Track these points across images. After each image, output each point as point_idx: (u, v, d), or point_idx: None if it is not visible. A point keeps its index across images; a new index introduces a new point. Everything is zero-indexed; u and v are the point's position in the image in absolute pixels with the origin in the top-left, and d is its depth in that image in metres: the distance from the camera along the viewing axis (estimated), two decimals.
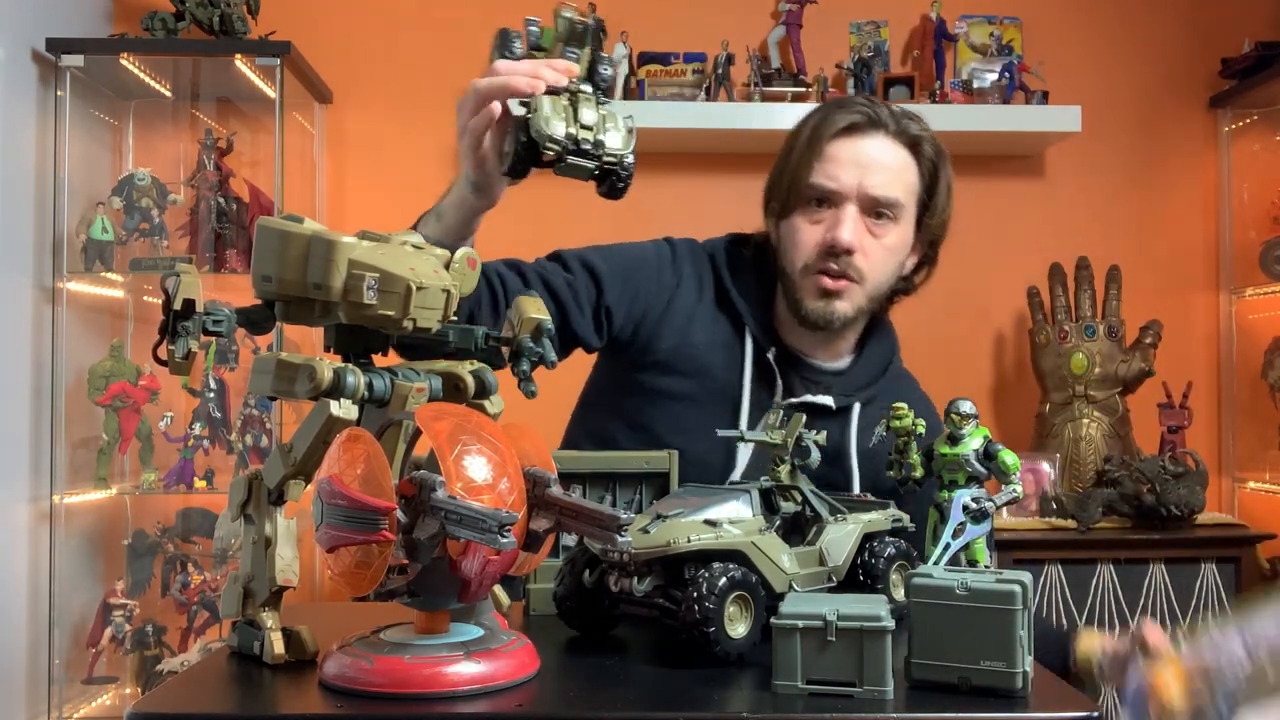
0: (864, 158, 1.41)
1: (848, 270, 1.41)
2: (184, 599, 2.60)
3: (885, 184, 1.41)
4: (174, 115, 2.84)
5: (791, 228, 1.44)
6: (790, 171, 1.44)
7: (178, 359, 0.89)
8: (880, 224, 1.42)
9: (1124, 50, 3.02)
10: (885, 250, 1.43)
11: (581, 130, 1.08)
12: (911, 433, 1.11)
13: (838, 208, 1.41)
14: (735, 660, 0.95)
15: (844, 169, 1.40)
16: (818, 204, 1.42)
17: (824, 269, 1.41)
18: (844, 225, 1.39)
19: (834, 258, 1.40)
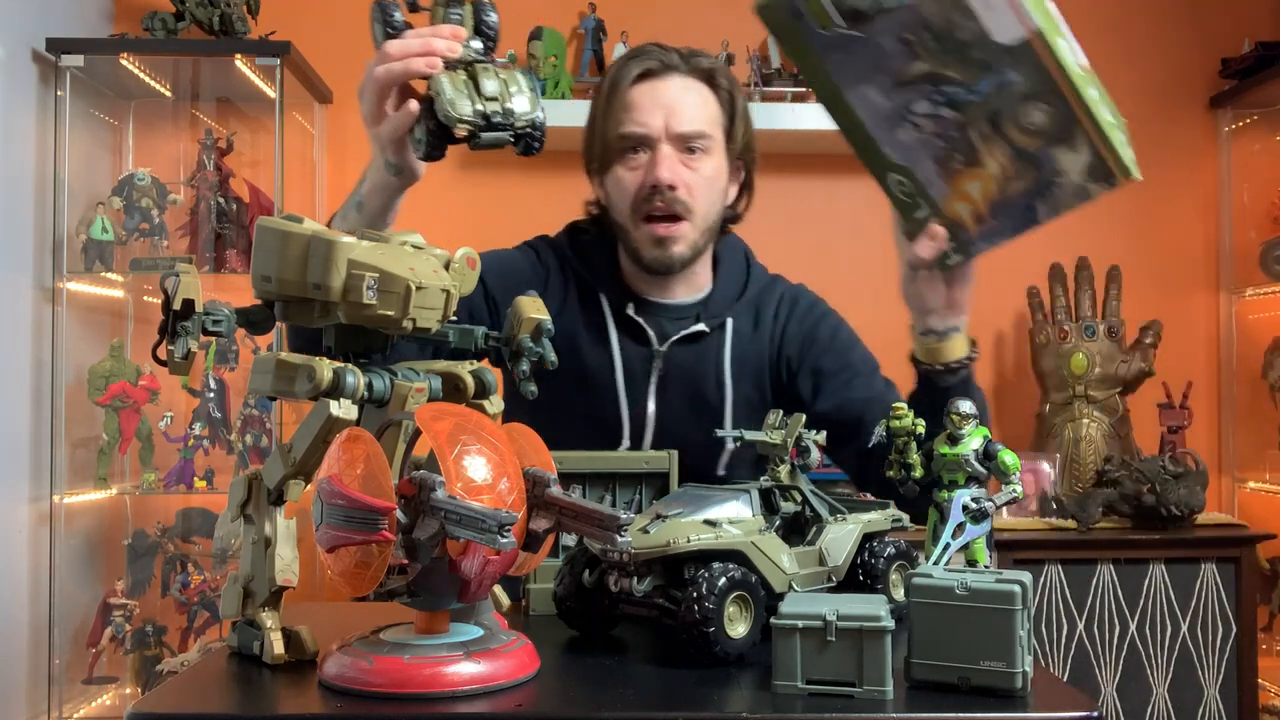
0: (665, 99, 1.47)
1: (674, 207, 1.46)
2: (184, 599, 2.60)
3: (690, 119, 1.47)
4: (174, 115, 2.84)
5: (614, 179, 1.49)
6: (599, 128, 1.50)
7: (178, 359, 0.89)
8: (694, 158, 1.48)
9: (1124, 50, 3.02)
10: (705, 181, 1.49)
11: (488, 103, 1.08)
12: (911, 433, 1.11)
13: (652, 150, 1.46)
14: (735, 660, 0.95)
15: (649, 113, 1.46)
16: (633, 151, 1.47)
17: (651, 210, 1.46)
18: (661, 164, 1.44)
19: (658, 196, 1.45)
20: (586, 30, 2.87)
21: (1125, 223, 2.99)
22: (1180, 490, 2.43)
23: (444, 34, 1.11)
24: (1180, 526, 2.46)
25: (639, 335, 1.53)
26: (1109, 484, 2.50)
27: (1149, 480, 2.45)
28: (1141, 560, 2.44)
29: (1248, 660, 2.45)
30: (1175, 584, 2.45)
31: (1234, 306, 3.00)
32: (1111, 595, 2.44)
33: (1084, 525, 2.45)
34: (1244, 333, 2.99)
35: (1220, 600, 2.45)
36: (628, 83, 1.47)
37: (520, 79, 1.11)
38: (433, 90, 1.08)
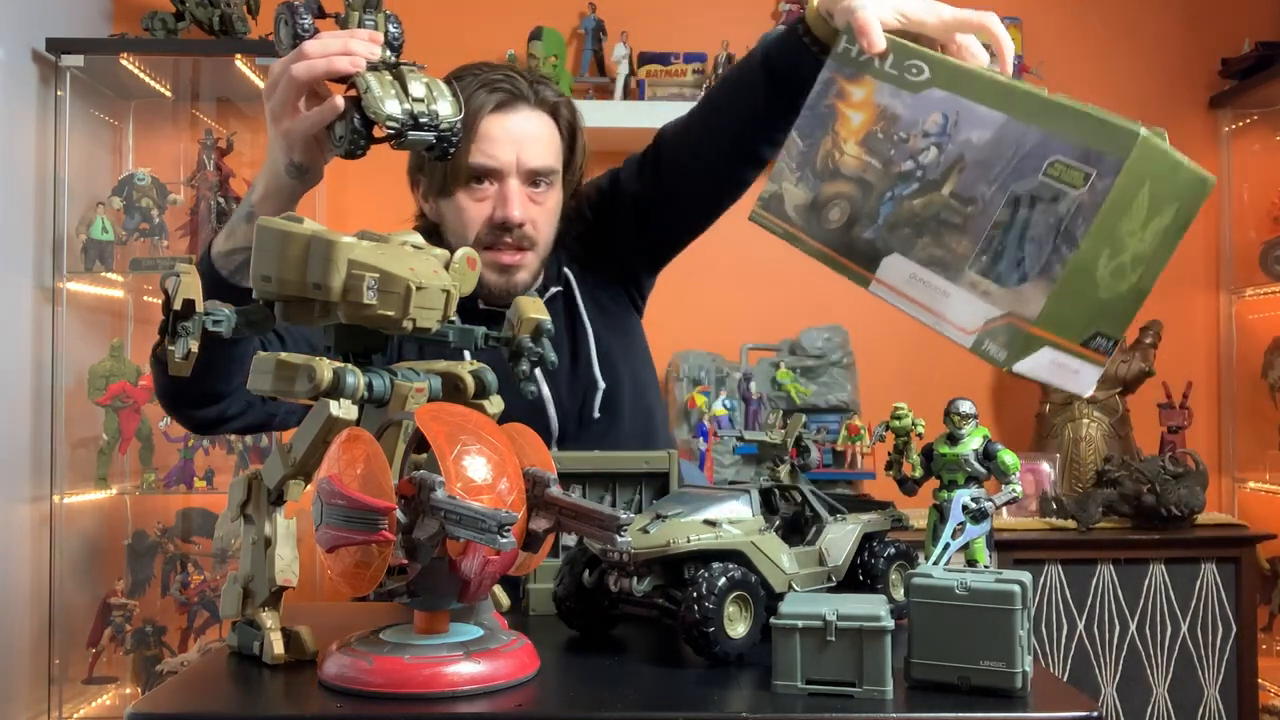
0: (517, 132, 1.46)
1: (521, 242, 1.47)
2: (184, 599, 2.60)
3: (540, 154, 1.47)
4: (174, 115, 2.84)
5: (455, 207, 1.48)
6: None
7: (178, 359, 0.89)
8: (539, 191, 1.48)
9: (1124, 50, 3.02)
10: (548, 213, 1.50)
11: (416, 104, 1.09)
12: (911, 433, 1.11)
13: (500, 183, 1.46)
14: (735, 660, 0.95)
15: (501, 146, 1.44)
16: (478, 180, 1.46)
17: (498, 244, 1.46)
18: (512, 202, 1.44)
19: (506, 232, 1.46)
20: (586, 30, 2.87)
21: None
22: (1180, 490, 2.43)
23: (362, 36, 1.12)
24: (1180, 526, 2.46)
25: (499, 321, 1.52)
26: (1109, 484, 2.50)
27: (1149, 480, 2.45)
28: (1141, 560, 2.44)
29: (1248, 660, 2.45)
30: (1175, 584, 2.45)
31: (1234, 306, 3.00)
32: (1111, 595, 2.44)
33: (1084, 525, 2.45)
34: (1244, 333, 2.99)
35: (1220, 600, 2.45)
36: (484, 113, 1.44)
37: (443, 85, 1.12)
38: (360, 88, 1.09)
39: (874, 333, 2.76)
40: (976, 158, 0.94)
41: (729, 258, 2.91)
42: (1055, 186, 0.88)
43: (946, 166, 0.96)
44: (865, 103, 1.03)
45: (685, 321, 2.82)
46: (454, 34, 2.93)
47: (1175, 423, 2.74)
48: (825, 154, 1.05)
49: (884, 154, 1.01)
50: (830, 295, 2.88)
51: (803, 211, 1.06)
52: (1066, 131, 0.90)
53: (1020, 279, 0.89)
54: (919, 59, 1.01)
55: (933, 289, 0.95)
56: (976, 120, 0.95)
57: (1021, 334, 0.88)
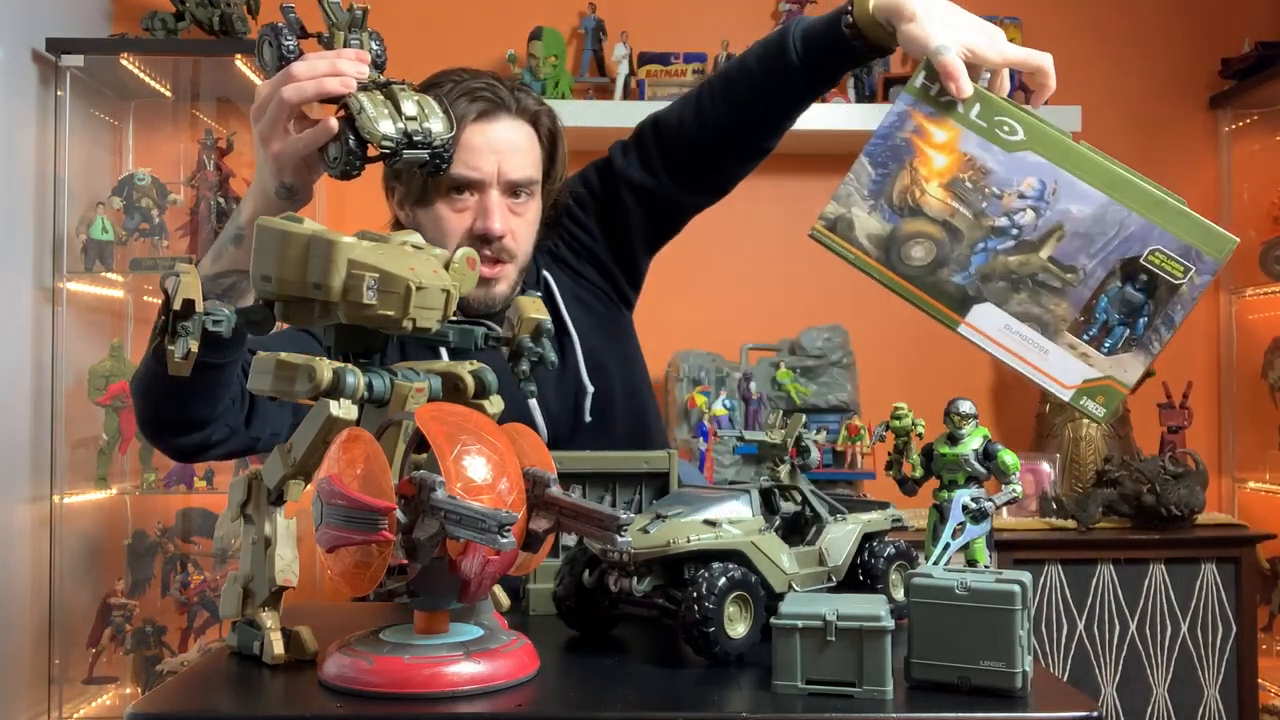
0: (498, 143, 1.43)
1: (500, 255, 1.45)
2: (184, 599, 2.60)
3: (521, 165, 1.45)
4: (174, 115, 2.84)
5: (434, 217, 1.45)
6: None
7: (177, 359, 0.89)
8: (519, 202, 1.46)
9: (1124, 50, 3.02)
10: (528, 225, 1.49)
11: (409, 123, 1.09)
12: (911, 433, 1.11)
13: (481, 194, 1.43)
14: (735, 660, 0.95)
15: (482, 157, 1.42)
16: (458, 191, 1.44)
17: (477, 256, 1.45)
18: (493, 215, 1.42)
19: (486, 245, 1.44)
20: (586, 30, 2.87)
21: None
22: (1180, 490, 2.43)
23: (349, 56, 1.11)
24: (1180, 526, 2.46)
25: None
26: (1109, 484, 2.50)
27: (1149, 480, 2.45)
28: (1141, 560, 2.44)
29: (1248, 660, 2.45)
30: (1175, 584, 2.45)
31: (1234, 306, 3.00)
32: (1111, 595, 2.44)
33: (1084, 525, 2.45)
34: (1244, 333, 2.99)
35: (1220, 600, 2.45)
36: (466, 122, 1.41)
37: (433, 102, 1.12)
38: (353, 109, 1.09)
39: (874, 333, 2.76)
40: (1077, 229, 1.02)
41: (729, 258, 2.91)
42: (1156, 273, 1.00)
43: (1045, 231, 1.03)
44: (949, 146, 1.07)
45: (685, 321, 2.82)
46: (454, 34, 2.93)
47: (1175, 423, 2.74)
48: (903, 189, 1.08)
49: (975, 205, 1.05)
50: (830, 295, 2.88)
51: (878, 241, 1.09)
52: (1169, 226, 1.01)
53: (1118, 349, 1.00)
54: (1011, 118, 1.06)
55: (1029, 343, 1.04)
56: (1077, 194, 1.02)
57: (1119, 395, 1.01)
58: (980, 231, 1.05)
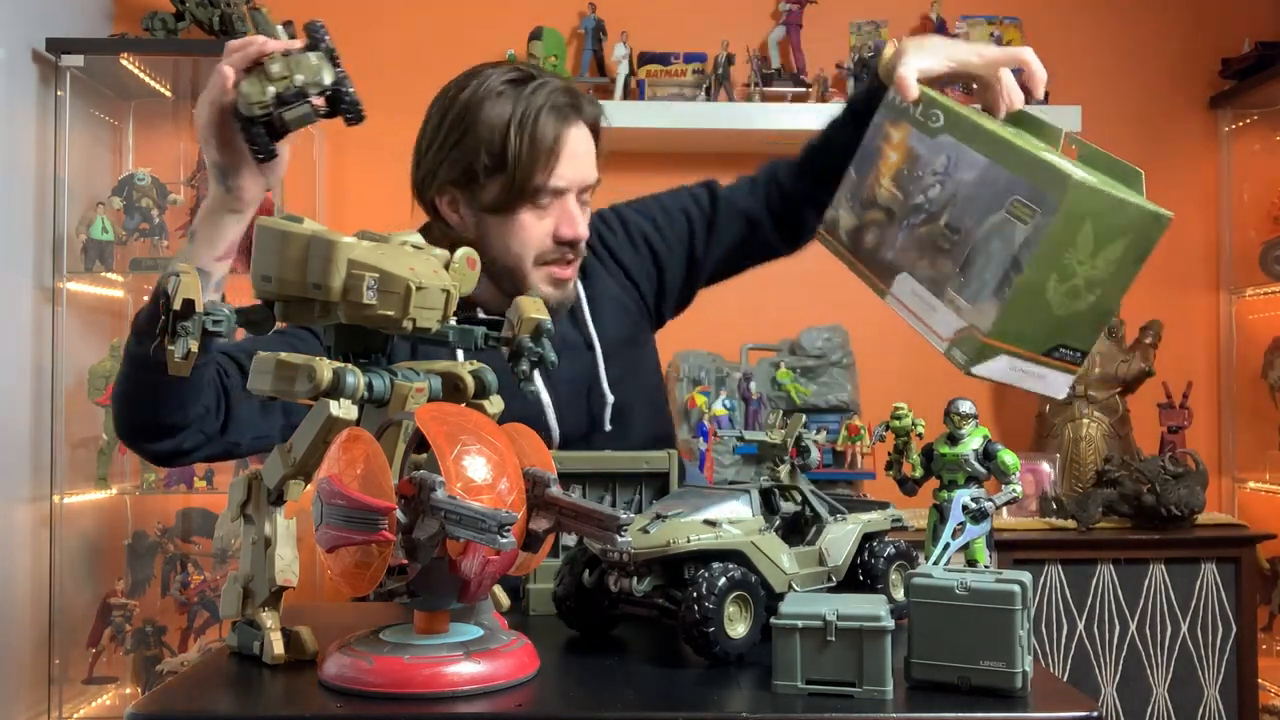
0: (578, 151, 1.44)
1: (578, 255, 1.48)
2: (184, 599, 2.60)
3: (592, 169, 1.47)
4: (174, 115, 2.84)
5: (518, 224, 1.43)
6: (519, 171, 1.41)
7: (177, 359, 0.89)
8: (583, 205, 1.49)
9: (1124, 50, 3.02)
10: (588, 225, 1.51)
11: (278, 83, 1.14)
12: (911, 433, 1.11)
13: (560, 200, 1.44)
14: (735, 660, 0.95)
15: (568, 166, 1.43)
16: (543, 198, 1.43)
17: (560, 260, 1.46)
18: (577, 220, 1.44)
19: (570, 249, 1.45)
20: (586, 30, 2.87)
21: None
22: (1180, 490, 2.43)
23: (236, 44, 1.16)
24: (1180, 526, 2.46)
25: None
26: (1109, 484, 2.50)
27: (1149, 480, 2.45)
28: (1141, 560, 2.44)
29: (1248, 660, 2.45)
30: (1175, 584, 2.45)
31: (1234, 306, 3.00)
32: (1111, 595, 2.44)
33: (1084, 525, 2.45)
34: (1244, 333, 2.99)
35: (1220, 600, 2.45)
36: (565, 132, 1.41)
37: (310, 55, 1.17)
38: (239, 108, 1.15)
39: (874, 333, 2.76)
40: (966, 194, 1.09)
41: None
42: (1013, 221, 1.03)
43: (944, 201, 1.11)
44: (900, 144, 1.20)
45: (685, 321, 2.81)
46: (454, 34, 2.93)
47: (1175, 423, 2.74)
48: (869, 186, 1.22)
49: (906, 189, 1.17)
50: (830, 295, 2.88)
51: (851, 234, 1.23)
52: (1025, 174, 1.03)
53: (980, 297, 1.04)
54: (937, 107, 1.16)
55: (925, 303, 1.12)
56: (969, 163, 1.10)
57: (977, 343, 1.04)
58: (905, 211, 1.15)
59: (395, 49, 2.93)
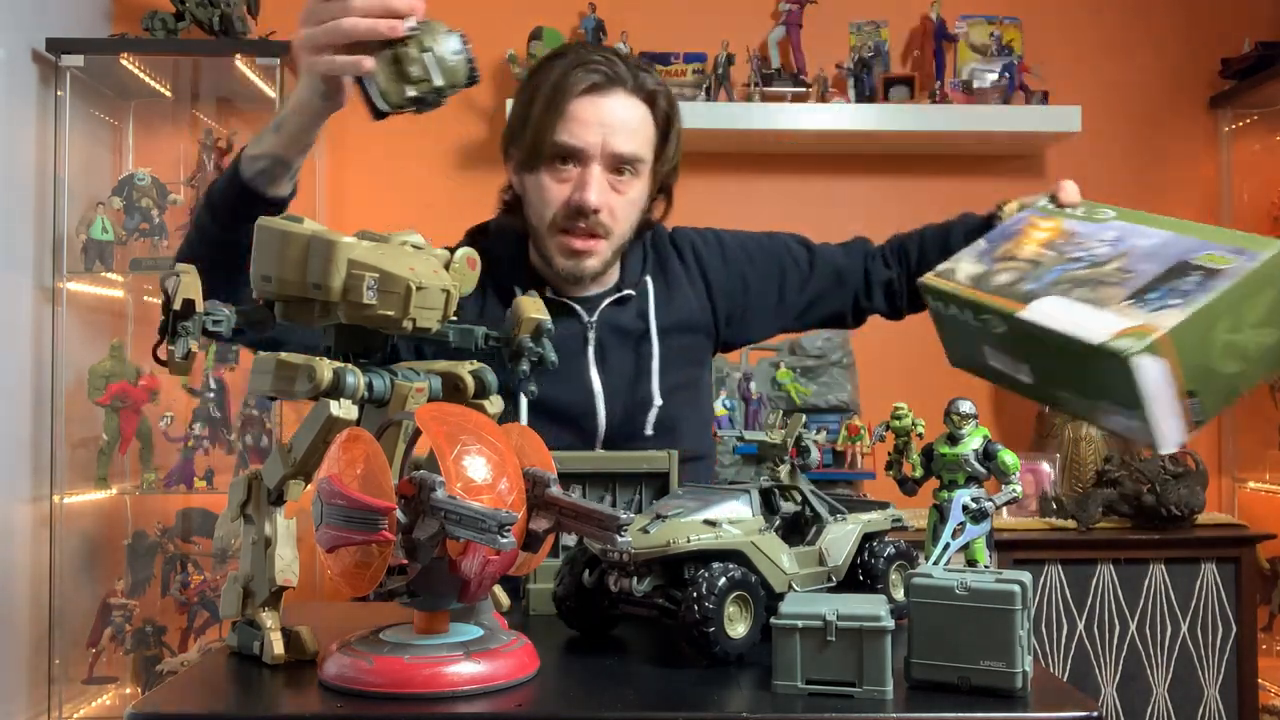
0: (607, 116, 1.42)
1: (595, 229, 1.44)
2: (184, 599, 2.60)
3: (627, 141, 1.43)
4: (174, 115, 2.84)
5: (538, 184, 1.45)
6: (533, 127, 1.44)
7: (178, 359, 0.89)
8: (622, 179, 1.45)
9: (1124, 50, 3.02)
10: (629, 204, 1.47)
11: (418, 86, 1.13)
12: (911, 433, 1.11)
13: (583, 166, 1.43)
14: (735, 660, 0.95)
15: (588, 129, 1.41)
16: (562, 161, 1.43)
17: (571, 228, 1.44)
18: (590, 187, 1.42)
19: (581, 217, 1.43)
20: (586, 30, 2.87)
21: None
22: (1180, 490, 2.43)
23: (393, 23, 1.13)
24: (1180, 526, 2.46)
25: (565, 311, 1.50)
26: (1109, 484, 2.50)
27: (1149, 480, 2.45)
28: (1141, 560, 2.44)
29: (1248, 660, 2.45)
30: (1175, 584, 2.45)
31: None
32: (1111, 595, 2.44)
33: (1084, 525, 2.45)
34: None
35: (1220, 600, 2.45)
36: (574, 93, 1.42)
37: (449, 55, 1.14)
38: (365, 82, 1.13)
39: (874, 333, 2.75)
40: (1144, 250, 1.13)
41: None
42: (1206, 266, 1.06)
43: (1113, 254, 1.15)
44: (1053, 227, 1.28)
45: None
46: None
47: None
48: (1006, 249, 1.27)
49: (1061, 250, 1.21)
50: None
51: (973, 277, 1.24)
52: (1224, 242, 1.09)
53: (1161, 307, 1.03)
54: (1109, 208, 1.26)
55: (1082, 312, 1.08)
56: (1144, 234, 1.16)
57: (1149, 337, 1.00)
58: (1060, 261, 1.18)
59: None
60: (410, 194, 2.88)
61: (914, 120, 2.73)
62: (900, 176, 2.93)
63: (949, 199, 3.05)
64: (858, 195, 2.92)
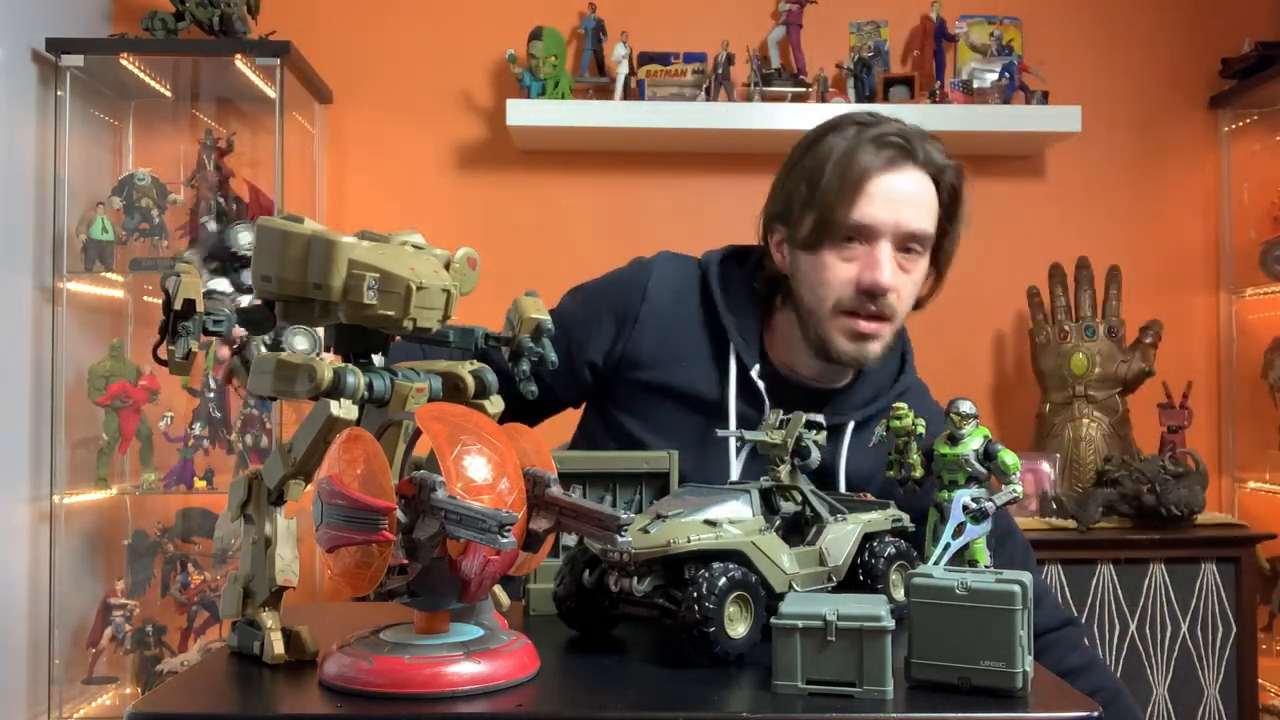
0: (900, 194, 1.37)
1: (884, 310, 1.38)
2: (184, 599, 2.60)
3: (918, 218, 1.38)
4: (174, 115, 2.84)
5: (822, 264, 1.39)
6: (824, 205, 1.37)
7: (178, 359, 0.89)
8: (909, 258, 1.40)
9: (1124, 50, 3.02)
10: (913, 284, 1.42)
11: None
12: (912, 433, 1.11)
13: (871, 245, 1.37)
14: (735, 660, 0.95)
15: (882, 207, 1.36)
16: (849, 239, 1.38)
17: (859, 309, 1.38)
18: (884, 268, 1.36)
19: (872, 300, 1.37)
20: (586, 30, 2.87)
21: (1125, 223, 2.99)
22: (1180, 490, 2.43)
23: None
24: (1180, 526, 2.46)
25: (755, 399, 1.44)
26: (1109, 484, 2.50)
27: (1149, 480, 2.45)
28: (1141, 560, 2.44)
29: (1248, 660, 2.45)
30: (1175, 584, 2.45)
31: (1234, 306, 3.00)
32: (1111, 595, 2.44)
33: (1084, 525, 2.45)
34: (1244, 333, 2.99)
35: (1220, 600, 2.45)
36: (877, 170, 1.35)
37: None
38: None
39: None
40: None
41: None
42: None
43: None
44: None
45: None
46: (454, 34, 2.93)
47: (1175, 422, 2.74)
48: None
49: None
50: None
51: None
52: None
53: None
54: None
55: None
56: None
57: None
58: None
59: (395, 49, 2.93)
60: (410, 194, 2.88)
61: (914, 120, 2.72)
62: None
63: None
64: None
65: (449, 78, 2.92)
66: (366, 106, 2.92)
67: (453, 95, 2.92)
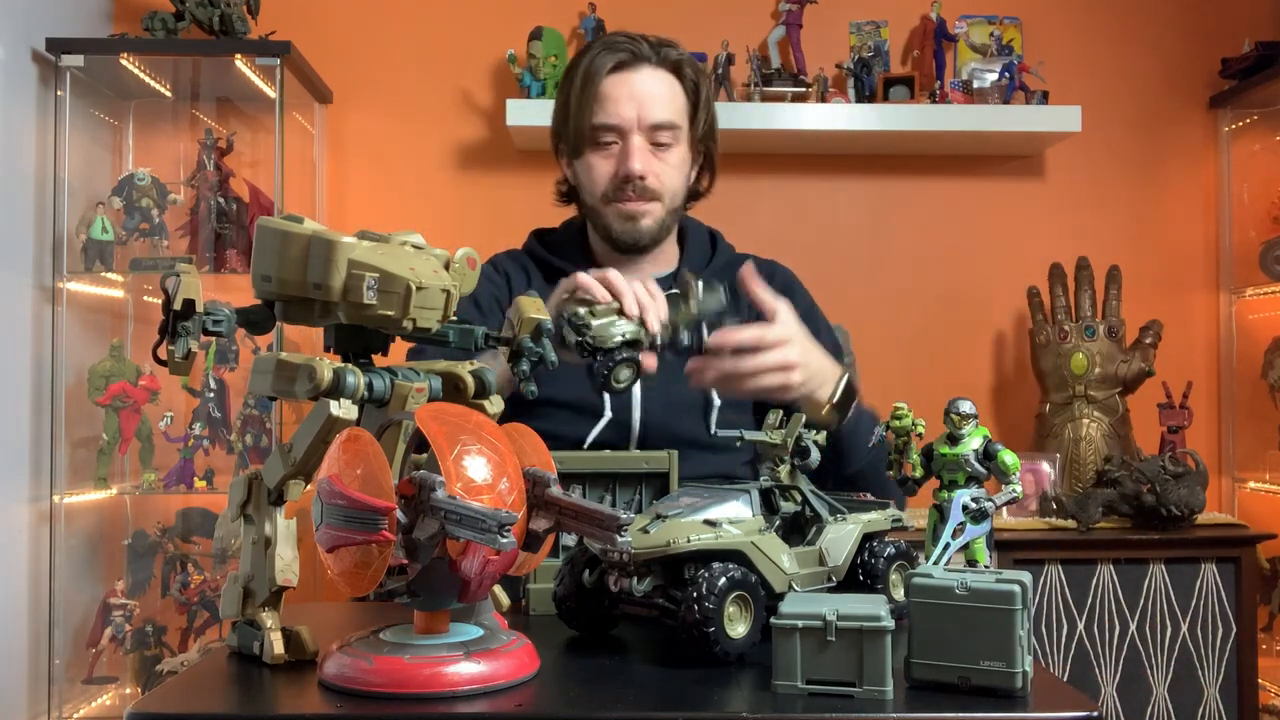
0: (637, 91, 1.58)
1: (644, 194, 1.58)
2: (184, 599, 2.60)
3: (660, 110, 1.58)
4: (174, 115, 2.84)
5: (586, 165, 1.61)
6: (573, 115, 1.60)
7: (178, 359, 0.89)
8: (661, 149, 1.59)
9: (1124, 50, 3.02)
10: (672, 168, 1.61)
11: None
12: (911, 433, 1.11)
13: (624, 140, 1.58)
14: (735, 660, 0.95)
15: (622, 105, 1.57)
16: (605, 140, 1.58)
17: (623, 198, 1.58)
18: (633, 156, 1.56)
19: (629, 185, 1.57)
20: (586, 30, 2.86)
21: (1125, 223, 2.99)
22: (1180, 490, 2.43)
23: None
24: (1180, 526, 2.46)
25: None
26: (1109, 484, 2.50)
27: (1149, 480, 2.45)
28: (1141, 560, 2.44)
29: (1248, 660, 2.45)
30: (1175, 584, 2.45)
31: (1234, 306, 2.99)
32: (1111, 595, 2.44)
33: (1084, 525, 2.45)
34: (1244, 333, 2.98)
35: (1220, 600, 2.45)
36: (602, 74, 1.57)
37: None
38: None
39: (874, 333, 2.76)
40: None
41: None
42: None
43: None
44: None
45: None
46: (454, 34, 2.93)
47: (1175, 423, 2.74)
48: None
49: None
50: (831, 295, 2.88)
51: None
52: None
53: None
54: None
55: None
56: None
57: None
58: None
59: (395, 49, 2.93)
60: (410, 194, 2.88)
61: (914, 120, 2.73)
62: (900, 176, 2.93)
63: (949, 199, 3.06)
64: (858, 195, 2.92)
65: (449, 78, 2.92)
66: (366, 106, 2.92)
67: (452, 95, 2.92)
